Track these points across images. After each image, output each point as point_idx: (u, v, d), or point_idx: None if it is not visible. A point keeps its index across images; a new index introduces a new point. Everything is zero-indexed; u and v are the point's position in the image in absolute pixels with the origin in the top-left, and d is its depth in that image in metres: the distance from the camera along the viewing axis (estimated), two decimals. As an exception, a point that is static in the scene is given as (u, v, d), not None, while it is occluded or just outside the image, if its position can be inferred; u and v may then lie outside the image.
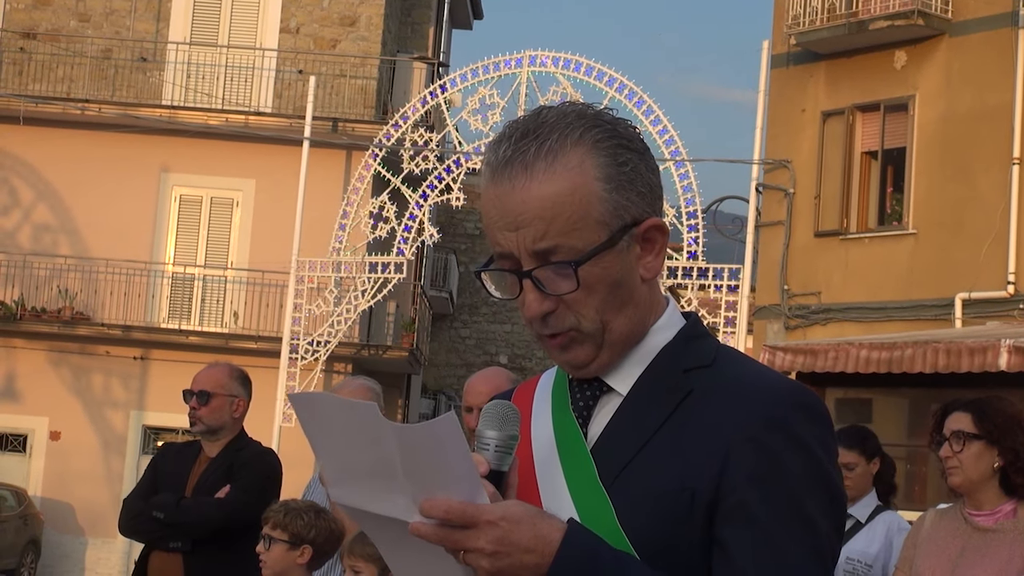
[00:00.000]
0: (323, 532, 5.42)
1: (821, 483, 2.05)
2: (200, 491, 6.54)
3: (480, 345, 40.14)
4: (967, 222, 19.63)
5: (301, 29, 27.11)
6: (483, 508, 1.93)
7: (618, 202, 2.09)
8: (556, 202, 2.06)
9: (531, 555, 1.94)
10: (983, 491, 5.10)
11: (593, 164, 2.08)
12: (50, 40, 26.85)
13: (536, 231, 2.06)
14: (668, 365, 2.14)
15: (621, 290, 2.11)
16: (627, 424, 2.12)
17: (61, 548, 26.03)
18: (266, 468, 6.66)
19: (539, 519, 1.96)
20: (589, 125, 2.11)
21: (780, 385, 2.11)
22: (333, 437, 2.01)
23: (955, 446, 5.09)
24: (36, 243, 26.49)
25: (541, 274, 2.08)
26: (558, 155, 2.07)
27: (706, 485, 2.03)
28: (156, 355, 26.17)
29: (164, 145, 26.24)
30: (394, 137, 22.18)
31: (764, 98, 21.27)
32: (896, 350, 16.50)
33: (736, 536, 2.01)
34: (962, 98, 20.08)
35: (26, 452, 26.47)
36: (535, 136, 2.08)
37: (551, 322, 2.11)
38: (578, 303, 2.09)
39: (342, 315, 22.17)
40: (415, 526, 1.93)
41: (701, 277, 20.44)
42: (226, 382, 6.68)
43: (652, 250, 2.14)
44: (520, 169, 2.07)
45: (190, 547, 6.44)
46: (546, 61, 21.52)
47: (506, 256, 2.10)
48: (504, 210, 2.08)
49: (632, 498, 2.05)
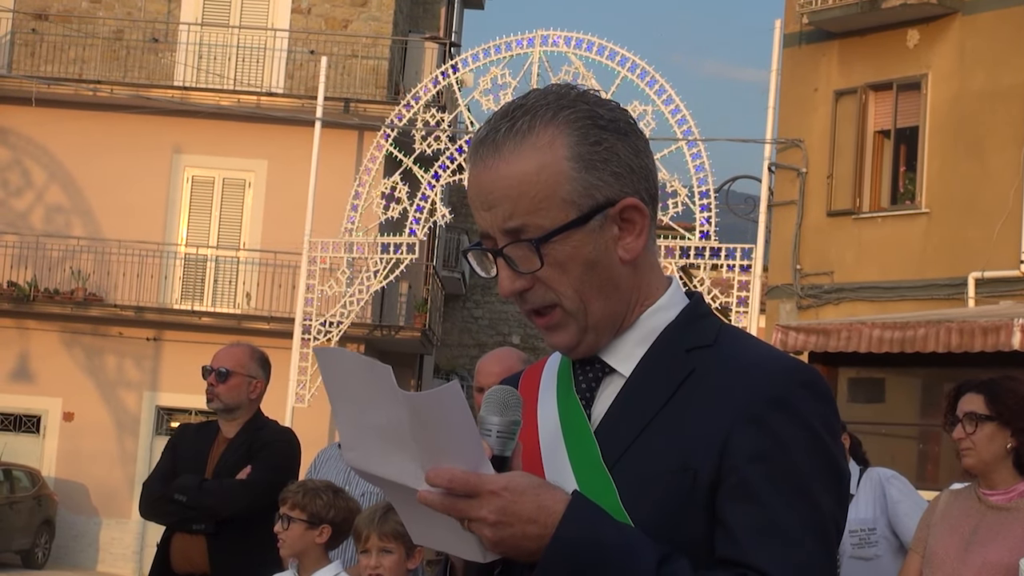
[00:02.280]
0: (342, 511, 5.41)
1: (824, 461, 2.06)
2: (221, 472, 6.53)
3: (493, 325, 40.23)
4: (980, 201, 19.48)
5: (313, 9, 27.13)
6: (486, 478, 1.96)
7: (588, 181, 2.09)
8: (522, 180, 2.07)
9: (533, 525, 1.96)
10: (997, 472, 5.08)
11: (563, 143, 2.09)
12: (62, 21, 26.97)
13: (505, 211, 2.09)
14: (670, 345, 2.15)
15: (597, 271, 2.11)
16: (630, 405, 2.13)
17: (75, 528, 26.15)
18: (287, 447, 6.66)
19: (543, 490, 1.98)
20: (565, 105, 2.11)
21: (782, 364, 2.11)
22: (352, 396, 2.04)
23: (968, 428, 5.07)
24: (49, 224, 26.61)
25: (511, 252, 2.10)
26: (527, 135, 2.09)
27: (708, 465, 2.04)
28: (169, 336, 26.30)
29: (176, 126, 26.30)
30: (406, 117, 22.11)
31: (776, 77, 21.17)
32: (909, 330, 16.36)
33: (738, 514, 2.02)
34: (975, 77, 19.92)
35: (40, 433, 26.59)
36: (510, 117, 2.11)
37: (528, 298, 2.13)
38: (553, 281, 2.11)
39: (354, 296, 22.12)
40: (422, 495, 1.96)
41: (714, 257, 20.31)
42: (246, 362, 6.68)
43: (632, 231, 2.13)
44: (491, 149, 2.10)
45: (214, 529, 6.42)
46: (558, 41, 21.36)
47: (486, 235, 2.14)
48: (479, 190, 2.12)
49: (635, 479, 2.06)
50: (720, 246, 20.37)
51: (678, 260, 20.23)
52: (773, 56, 21.16)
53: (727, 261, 20.38)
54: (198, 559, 6.48)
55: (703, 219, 20.46)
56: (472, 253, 2.19)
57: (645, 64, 20.84)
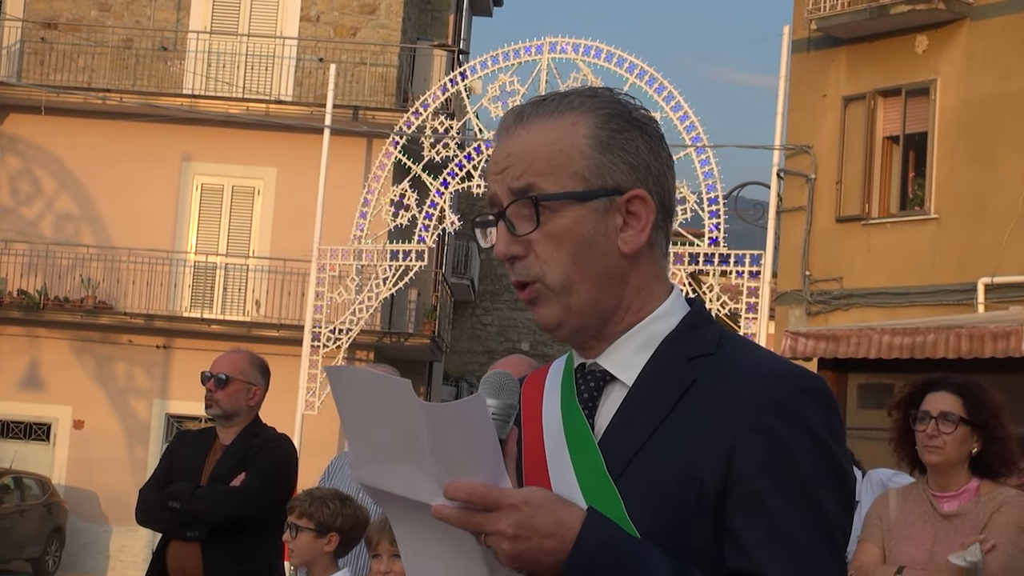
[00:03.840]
0: (349, 520, 5.46)
1: (830, 467, 2.06)
2: (215, 479, 6.53)
3: (502, 332, 40.22)
4: (989, 206, 19.45)
5: (321, 17, 27.10)
6: (506, 492, 1.96)
7: (601, 162, 2.13)
8: (539, 145, 2.12)
9: (551, 540, 1.97)
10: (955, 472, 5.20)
11: (585, 124, 2.14)
12: (71, 30, 26.92)
13: (517, 169, 2.13)
14: (672, 354, 2.15)
15: (591, 252, 2.13)
16: (633, 415, 2.13)
17: (85, 536, 26.12)
18: (281, 454, 6.65)
19: (560, 505, 1.99)
20: (596, 96, 2.17)
21: (784, 370, 2.11)
22: (364, 413, 2.03)
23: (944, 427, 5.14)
24: (58, 232, 26.59)
25: (513, 212, 2.13)
26: (552, 113, 2.15)
27: (714, 475, 2.05)
28: (179, 343, 26.23)
29: (185, 134, 26.29)
30: (415, 125, 22.14)
31: (785, 83, 21.16)
32: (918, 335, 16.39)
33: (747, 526, 2.02)
34: (984, 82, 19.90)
35: (50, 441, 26.56)
36: (542, 99, 2.18)
37: (518, 268, 2.15)
38: (544, 254, 2.13)
39: (363, 303, 22.12)
40: (438, 509, 1.96)
41: (723, 263, 20.31)
42: (245, 368, 6.67)
43: (636, 225, 2.15)
44: (515, 120, 2.16)
45: (207, 536, 6.43)
46: (566, 48, 21.40)
47: (494, 203, 2.17)
48: (497, 156, 2.17)
49: (641, 491, 2.07)
50: (729, 252, 20.36)
51: (687, 267, 20.21)
52: (781, 62, 21.13)
53: (736, 267, 20.37)
54: (193, 566, 6.49)
55: (712, 225, 20.43)
56: (479, 228, 2.23)
57: (653, 70, 20.88)
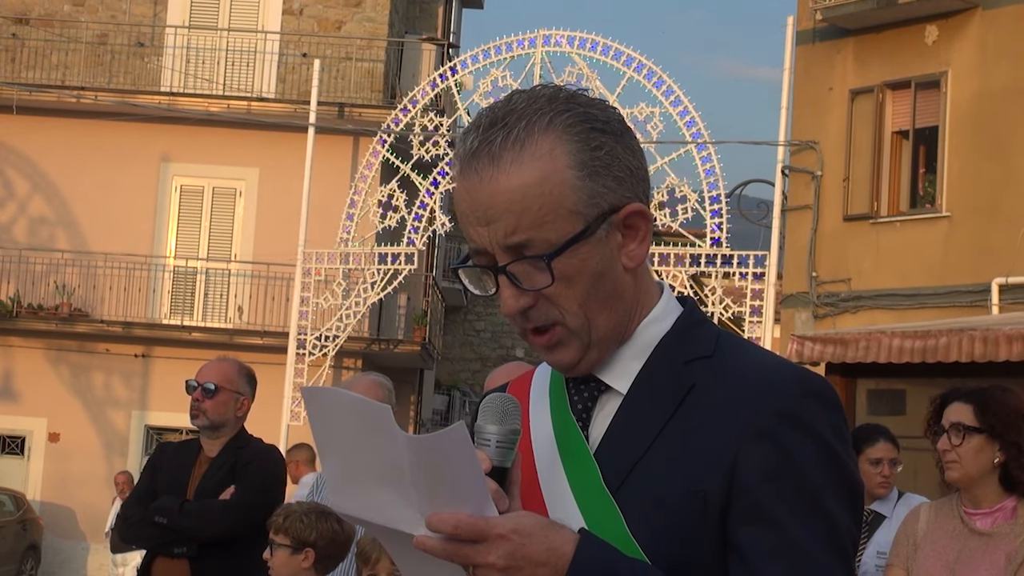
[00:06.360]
0: (326, 534, 5.47)
1: (837, 473, 2.04)
2: (203, 493, 6.51)
3: (495, 338, 40.52)
4: (1003, 204, 19.42)
5: (305, 11, 27.25)
6: (493, 521, 1.92)
7: (593, 189, 2.07)
8: (525, 194, 2.04)
9: (544, 568, 1.93)
10: (982, 487, 5.04)
11: (564, 151, 2.06)
12: (44, 25, 27.09)
13: (507, 225, 2.05)
14: (667, 358, 2.13)
15: (604, 281, 2.10)
16: (629, 426, 2.10)
17: (62, 554, 26.08)
18: (271, 466, 6.67)
19: (551, 531, 1.95)
20: (560, 109, 2.08)
21: (786, 373, 2.08)
22: (341, 437, 2.01)
23: (954, 439, 5.04)
24: (32, 237, 26.65)
25: (516, 269, 2.07)
26: (526, 144, 2.05)
27: (717, 486, 2.02)
28: (158, 352, 26.29)
29: (164, 133, 26.36)
30: (403, 122, 22.15)
31: (789, 76, 21.15)
32: (930, 339, 16.32)
33: (753, 538, 2.00)
34: (997, 74, 19.87)
35: (24, 455, 26.64)
36: (502, 125, 2.06)
37: (532, 316, 2.10)
38: (559, 296, 2.08)
39: (351, 308, 22.15)
40: (421, 540, 1.93)
41: (725, 264, 20.30)
42: (234, 378, 6.68)
43: (635, 237, 2.12)
44: (487, 161, 2.05)
45: (196, 552, 6.42)
46: (561, 41, 21.39)
47: (481, 252, 2.09)
48: (474, 204, 2.07)
49: (641, 504, 2.04)
50: (732, 253, 20.36)
51: (688, 268, 20.28)
52: (786, 54, 21.10)
53: (739, 269, 20.38)
54: (180, 584, 6.48)
55: (714, 225, 20.43)
56: (465, 271, 2.14)
57: (652, 64, 20.91)
